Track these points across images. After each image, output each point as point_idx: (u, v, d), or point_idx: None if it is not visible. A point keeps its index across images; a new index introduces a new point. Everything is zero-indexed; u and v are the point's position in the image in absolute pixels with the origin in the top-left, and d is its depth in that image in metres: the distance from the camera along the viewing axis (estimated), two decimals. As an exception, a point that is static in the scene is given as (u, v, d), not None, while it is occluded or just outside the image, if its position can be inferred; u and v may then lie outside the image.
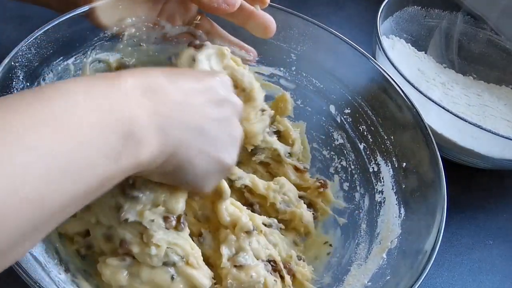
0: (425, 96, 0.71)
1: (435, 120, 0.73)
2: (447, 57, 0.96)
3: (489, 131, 0.69)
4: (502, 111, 0.87)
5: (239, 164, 0.67)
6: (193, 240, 0.54)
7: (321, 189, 0.67)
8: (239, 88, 0.62)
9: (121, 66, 0.67)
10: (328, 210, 0.67)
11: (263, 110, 0.65)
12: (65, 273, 0.50)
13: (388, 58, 0.75)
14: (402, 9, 0.89)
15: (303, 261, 0.62)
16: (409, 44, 0.93)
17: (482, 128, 0.70)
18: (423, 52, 0.94)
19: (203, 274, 0.52)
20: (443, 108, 0.70)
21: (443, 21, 0.96)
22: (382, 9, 0.85)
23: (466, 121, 0.70)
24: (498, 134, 0.70)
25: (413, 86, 0.72)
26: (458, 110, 0.83)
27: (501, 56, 0.94)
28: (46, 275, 0.46)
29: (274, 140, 0.68)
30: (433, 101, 0.70)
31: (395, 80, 0.65)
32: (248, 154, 0.67)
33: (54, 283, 0.47)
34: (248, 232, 0.57)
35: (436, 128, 0.75)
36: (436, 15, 0.95)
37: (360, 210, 0.65)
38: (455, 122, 0.70)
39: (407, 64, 0.89)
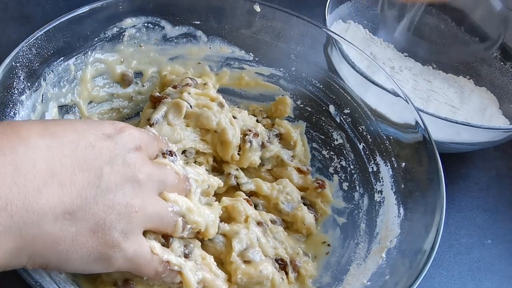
0: (364, 76, 0.68)
1: (375, 101, 0.70)
2: (408, 46, 0.96)
3: (420, 109, 0.67)
4: (448, 97, 0.87)
5: (245, 171, 0.67)
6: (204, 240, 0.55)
7: (320, 189, 0.67)
8: (211, 131, 0.63)
9: (124, 77, 0.67)
10: (328, 211, 0.67)
11: (249, 131, 0.66)
12: (65, 272, 0.50)
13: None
14: None
15: (308, 257, 0.62)
16: (367, 29, 0.94)
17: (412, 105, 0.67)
18: (382, 39, 0.95)
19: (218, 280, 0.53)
20: (380, 86, 0.67)
21: (405, 11, 0.97)
22: None
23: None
24: (422, 111, 0.67)
25: (353, 67, 0.69)
26: None
27: (461, 48, 0.95)
28: (46, 275, 0.46)
29: (276, 147, 0.69)
30: (372, 81, 0.67)
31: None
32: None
33: (55, 282, 0.47)
34: (260, 223, 0.58)
35: (376, 108, 0.70)
36: (400, 5, 0.96)
37: (360, 210, 0.65)
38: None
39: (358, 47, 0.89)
